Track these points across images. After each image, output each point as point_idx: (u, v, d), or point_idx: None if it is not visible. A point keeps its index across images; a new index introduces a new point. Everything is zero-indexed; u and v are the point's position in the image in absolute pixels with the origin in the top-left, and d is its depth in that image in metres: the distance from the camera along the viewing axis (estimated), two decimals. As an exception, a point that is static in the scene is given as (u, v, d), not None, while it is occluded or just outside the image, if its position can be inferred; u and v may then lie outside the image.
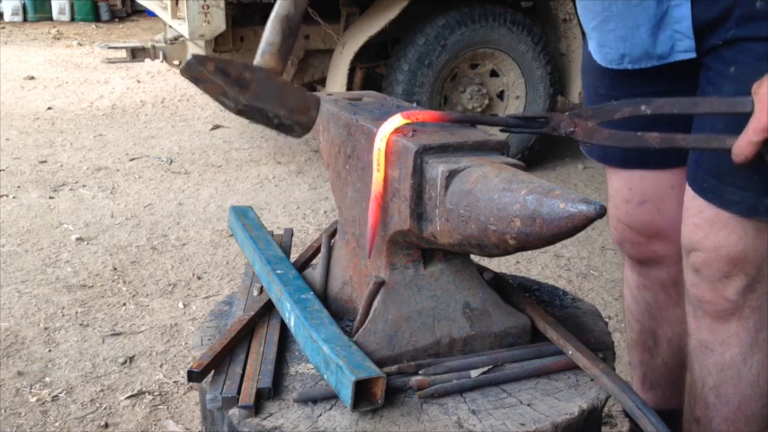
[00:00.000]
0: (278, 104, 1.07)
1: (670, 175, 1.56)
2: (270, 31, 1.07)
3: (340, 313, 1.33)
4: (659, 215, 1.60)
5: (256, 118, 1.13)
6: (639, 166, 1.58)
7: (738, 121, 1.15)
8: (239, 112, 1.09)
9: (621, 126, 1.25)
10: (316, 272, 1.41)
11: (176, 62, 4.80)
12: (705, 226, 1.37)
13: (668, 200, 1.57)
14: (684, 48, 1.35)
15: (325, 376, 1.13)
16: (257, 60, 1.06)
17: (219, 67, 0.99)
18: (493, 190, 1.01)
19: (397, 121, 1.15)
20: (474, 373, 1.16)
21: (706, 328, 1.44)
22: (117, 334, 2.68)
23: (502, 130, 1.30)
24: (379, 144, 1.13)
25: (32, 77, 6.90)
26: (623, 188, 1.62)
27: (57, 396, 2.32)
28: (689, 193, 1.41)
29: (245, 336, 1.27)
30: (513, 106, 4.46)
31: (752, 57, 1.25)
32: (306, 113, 1.09)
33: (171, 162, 4.67)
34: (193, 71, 0.98)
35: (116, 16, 10.80)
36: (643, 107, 1.22)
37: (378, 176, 1.14)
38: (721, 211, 1.34)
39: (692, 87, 1.40)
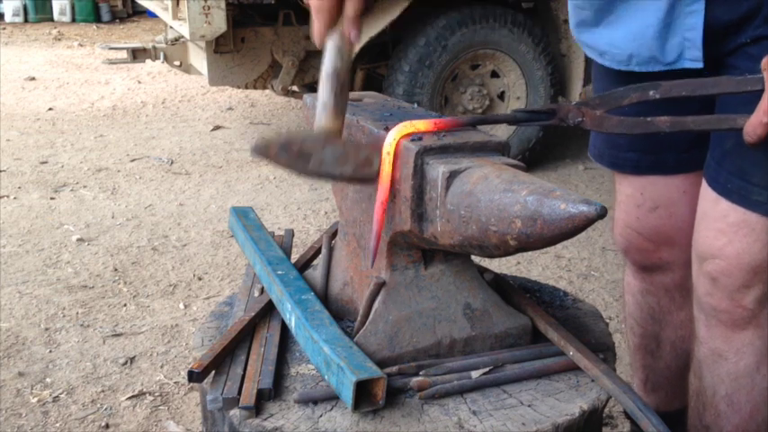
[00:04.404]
0: (341, 165, 1.09)
1: (682, 181, 1.55)
2: (323, 91, 1.08)
3: (341, 314, 1.33)
4: (670, 221, 1.58)
5: (327, 178, 1.17)
6: (652, 171, 1.56)
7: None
8: (309, 176, 1.12)
9: (630, 113, 1.24)
10: (316, 273, 1.41)
11: (177, 63, 4.80)
12: (729, 231, 1.33)
13: (679, 205, 1.56)
14: (692, 56, 1.33)
15: (326, 377, 1.13)
16: (316, 123, 1.08)
17: (282, 148, 1.02)
18: (494, 191, 1.01)
19: (405, 128, 1.14)
20: (475, 374, 1.16)
21: (720, 337, 1.41)
22: (118, 335, 2.68)
23: (511, 124, 1.29)
24: (388, 148, 1.13)
25: (33, 78, 6.90)
26: (635, 193, 1.60)
27: (57, 397, 2.32)
28: (710, 197, 1.37)
29: (245, 336, 1.27)
30: (513, 107, 4.46)
31: None
32: (369, 166, 1.11)
33: (172, 163, 4.67)
34: (259, 154, 1.02)
35: (117, 17, 10.81)
36: (651, 92, 1.19)
37: (384, 182, 1.13)
38: (747, 215, 1.31)
39: None
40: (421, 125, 1.14)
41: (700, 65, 1.33)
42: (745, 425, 1.42)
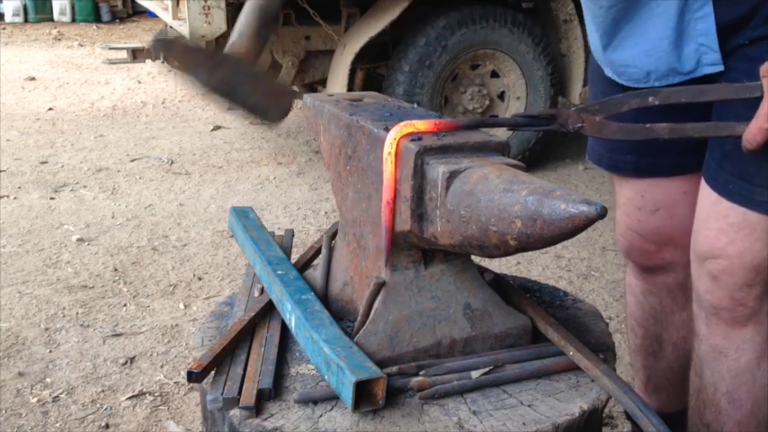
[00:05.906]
0: (249, 91, 1.07)
1: (682, 182, 1.55)
2: (240, 22, 1.07)
3: (341, 314, 1.33)
4: (671, 222, 1.58)
5: (228, 99, 1.13)
6: (652, 174, 1.57)
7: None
8: (209, 92, 1.08)
9: (629, 119, 1.24)
10: (316, 273, 1.41)
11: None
12: (731, 231, 1.33)
13: (680, 206, 1.56)
14: (711, 61, 1.32)
15: (326, 377, 1.13)
16: (227, 48, 1.06)
17: (186, 50, 0.99)
18: (494, 191, 1.01)
19: (405, 128, 1.14)
20: (475, 374, 1.16)
21: (720, 335, 1.41)
22: (118, 335, 2.68)
23: (509, 129, 1.30)
24: (389, 148, 1.13)
25: (33, 78, 6.91)
26: (635, 196, 1.60)
27: (57, 397, 2.32)
28: (710, 197, 1.37)
29: (245, 336, 1.27)
30: (513, 107, 4.46)
31: None
32: (281, 99, 1.09)
33: (172, 163, 4.67)
34: (161, 48, 0.99)
35: (117, 17, 10.82)
36: (651, 98, 1.20)
37: (389, 182, 1.13)
38: (749, 215, 1.31)
39: None
40: (421, 125, 1.14)
41: (720, 68, 1.32)
42: (746, 421, 1.42)
